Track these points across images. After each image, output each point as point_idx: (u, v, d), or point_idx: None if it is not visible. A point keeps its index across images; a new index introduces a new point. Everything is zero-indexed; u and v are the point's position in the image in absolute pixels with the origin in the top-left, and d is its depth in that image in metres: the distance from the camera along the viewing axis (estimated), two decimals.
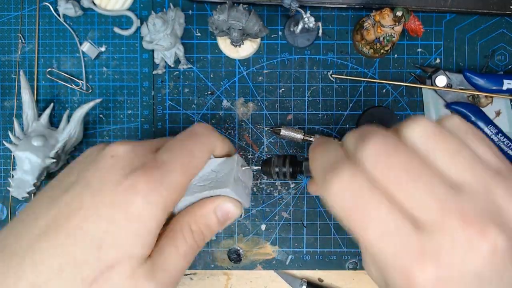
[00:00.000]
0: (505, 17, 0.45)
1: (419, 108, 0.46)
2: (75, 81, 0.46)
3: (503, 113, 0.45)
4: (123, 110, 0.46)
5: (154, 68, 0.45)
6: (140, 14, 0.45)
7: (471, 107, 0.44)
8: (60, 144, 0.42)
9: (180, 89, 0.46)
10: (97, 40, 0.45)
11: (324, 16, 0.45)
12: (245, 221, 0.46)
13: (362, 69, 0.46)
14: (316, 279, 0.47)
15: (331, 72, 0.45)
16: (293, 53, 0.45)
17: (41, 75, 0.46)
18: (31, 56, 0.46)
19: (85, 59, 0.45)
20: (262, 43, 0.45)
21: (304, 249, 0.46)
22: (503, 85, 0.44)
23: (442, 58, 0.45)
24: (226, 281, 0.47)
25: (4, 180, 0.46)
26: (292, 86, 0.46)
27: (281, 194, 0.46)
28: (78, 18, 0.45)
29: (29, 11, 0.45)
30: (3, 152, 0.46)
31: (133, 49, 0.45)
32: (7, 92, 0.46)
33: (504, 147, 0.44)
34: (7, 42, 0.46)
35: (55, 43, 0.46)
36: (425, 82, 0.45)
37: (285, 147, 0.46)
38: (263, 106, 0.46)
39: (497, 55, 0.45)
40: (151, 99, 0.46)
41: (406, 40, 0.45)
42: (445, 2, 0.44)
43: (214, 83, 0.46)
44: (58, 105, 0.46)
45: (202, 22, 0.45)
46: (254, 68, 0.46)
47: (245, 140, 0.46)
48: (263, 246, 0.46)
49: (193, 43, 0.45)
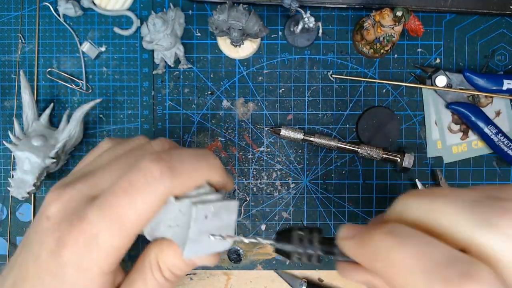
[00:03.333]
0: (505, 17, 0.45)
1: (419, 108, 0.46)
2: (75, 81, 0.46)
3: (503, 113, 0.45)
4: (123, 110, 0.46)
5: (154, 68, 0.45)
6: (140, 14, 0.45)
7: (471, 107, 0.44)
8: (60, 144, 0.42)
9: (180, 89, 0.46)
10: (97, 40, 0.45)
11: (324, 16, 0.45)
12: (245, 221, 0.46)
13: (362, 69, 0.46)
14: (316, 279, 0.47)
15: (331, 72, 0.45)
16: (293, 53, 0.45)
17: (41, 75, 0.46)
18: (31, 56, 0.46)
19: (85, 59, 0.45)
20: (262, 43, 0.45)
21: None
22: (503, 85, 0.44)
23: (442, 58, 0.45)
24: (226, 281, 0.47)
25: (4, 180, 0.46)
26: (292, 86, 0.46)
27: (281, 194, 0.46)
28: (78, 18, 0.45)
29: (29, 11, 0.45)
30: (3, 152, 0.46)
31: (133, 49, 0.45)
32: (7, 92, 0.46)
33: (504, 147, 0.44)
34: (7, 42, 0.46)
35: (55, 43, 0.46)
36: (425, 82, 0.45)
37: (285, 147, 0.46)
38: (263, 106, 0.46)
39: (497, 55, 0.45)
40: (151, 99, 0.46)
41: (406, 40, 0.45)
42: (445, 2, 0.44)
43: (214, 83, 0.46)
44: (58, 105, 0.46)
45: (202, 22, 0.45)
46: (254, 68, 0.46)
47: (245, 140, 0.46)
48: (263, 246, 0.46)
49: (193, 43, 0.45)
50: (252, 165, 0.46)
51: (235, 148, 0.46)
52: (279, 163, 0.46)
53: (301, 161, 0.46)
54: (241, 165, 0.46)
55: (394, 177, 0.46)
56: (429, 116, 0.46)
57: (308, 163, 0.46)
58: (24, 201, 0.46)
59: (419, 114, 0.46)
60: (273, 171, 0.46)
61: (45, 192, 0.46)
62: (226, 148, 0.46)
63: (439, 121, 0.46)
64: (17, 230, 0.46)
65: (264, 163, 0.46)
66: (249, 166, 0.46)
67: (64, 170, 0.46)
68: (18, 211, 0.46)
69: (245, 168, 0.46)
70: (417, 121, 0.46)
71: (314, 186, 0.46)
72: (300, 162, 0.46)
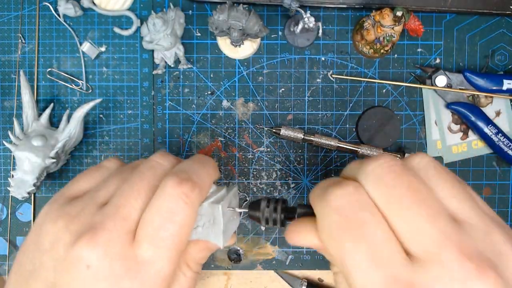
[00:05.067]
0: (505, 17, 0.45)
1: (419, 108, 0.46)
2: (75, 81, 0.46)
3: (503, 113, 0.45)
4: (123, 110, 0.46)
5: (154, 68, 0.45)
6: (140, 14, 0.45)
7: (471, 107, 0.44)
8: (60, 144, 0.42)
9: (180, 89, 0.46)
10: (97, 40, 0.45)
11: (324, 16, 0.45)
12: (245, 221, 0.46)
13: (362, 69, 0.46)
14: (316, 279, 0.47)
15: (331, 72, 0.45)
16: (293, 53, 0.45)
17: (41, 75, 0.46)
18: (31, 56, 0.46)
19: (85, 59, 0.45)
20: (262, 43, 0.45)
21: (304, 249, 0.46)
22: (503, 85, 0.44)
23: (442, 58, 0.45)
24: (226, 281, 0.47)
25: (4, 180, 0.46)
26: (292, 86, 0.46)
27: (281, 194, 0.46)
28: (78, 18, 0.45)
29: (29, 11, 0.45)
30: (3, 152, 0.46)
31: (133, 49, 0.45)
32: (7, 92, 0.46)
33: (504, 147, 0.44)
34: (7, 42, 0.46)
35: (55, 43, 0.46)
36: (425, 82, 0.45)
37: (285, 147, 0.46)
38: (263, 106, 0.46)
39: (497, 55, 0.45)
40: (151, 99, 0.46)
41: (406, 40, 0.45)
42: (445, 2, 0.44)
43: (214, 83, 0.46)
44: (58, 105, 0.46)
45: (202, 22, 0.45)
46: (254, 68, 0.46)
47: (245, 140, 0.46)
48: (263, 246, 0.46)
49: (193, 43, 0.45)
50: (252, 165, 0.46)
51: (235, 148, 0.46)
52: (279, 163, 0.46)
53: (301, 161, 0.46)
54: (241, 165, 0.46)
55: None
56: (429, 116, 0.46)
57: (308, 163, 0.46)
58: (24, 201, 0.46)
59: (419, 114, 0.46)
60: (273, 171, 0.46)
61: (45, 192, 0.46)
62: (226, 148, 0.46)
63: (439, 121, 0.46)
64: (17, 230, 0.46)
65: (264, 163, 0.46)
66: (249, 166, 0.46)
67: (64, 170, 0.46)
68: (18, 211, 0.46)
69: (245, 168, 0.46)
70: (417, 121, 0.46)
71: (314, 186, 0.46)
72: (300, 162, 0.46)
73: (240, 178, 0.46)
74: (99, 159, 0.46)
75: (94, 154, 0.46)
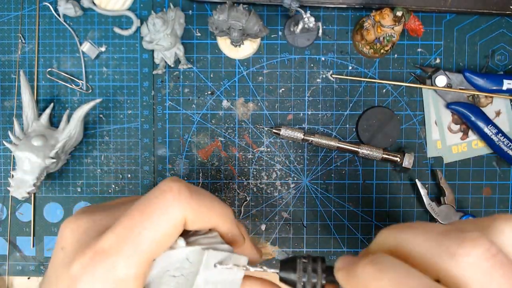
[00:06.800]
0: (505, 17, 0.45)
1: (419, 108, 0.46)
2: (75, 81, 0.46)
3: (503, 113, 0.45)
4: (123, 110, 0.46)
5: (154, 68, 0.45)
6: (140, 14, 0.45)
7: (471, 107, 0.44)
8: (60, 144, 0.42)
9: (180, 89, 0.46)
10: (97, 40, 0.45)
11: (324, 16, 0.45)
12: (245, 221, 0.46)
13: (362, 69, 0.46)
14: None
15: (331, 72, 0.45)
16: (293, 53, 0.45)
17: (41, 75, 0.46)
18: (31, 56, 0.46)
19: (85, 59, 0.46)
20: (262, 43, 0.45)
21: (304, 249, 0.46)
22: (503, 85, 0.44)
23: (442, 58, 0.45)
24: None
25: (4, 180, 0.46)
26: (292, 86, 0.46)
27: (281, 194, 0.46)
28: (78, 18, 0.45)
29: (29, 11, 0.45)
30: (3, 152, 0.46)
31: (133, 49, 0.45)
32: (7, 92, 0.46)
33: (504, 147, 0.44)
34: (7, 42, 0.46)
35: (55, 43, 0.46)
36: (425, 82, 0.45)
37: (285, 147, 0.46)
38: (263, 106, 0.46)
39: (497, 55, 0.45)
40: (151, 99, 0.46)
41: (406, 40, 0.45)
42: (445, 2, 0.44)
43: (214, 83, 0.46)
44: (58, 105, 0.46)
45: (202, 22, 0.45)
46: (254, 68, 0.46)
47: (245, 140, 0.46)
48: (263, 246, 0.46)
49: (193, 43, 0.45)
50: (252, 165, 0.46)
51: (235, 148, 0.46)
52: (279, 163, 0.46)
53: (301, 161, 0.46)
54: (241, 165, 0.46)
55: (394, 177, 0.46)
56: (429, 116, 0.46)
57: (308, 163, 0.46)
58: (24, 201, 0.46)
59: (419, 114, 0.46)
60: (273, 171, 0.46)
61: (45, 192, 0.46)
62: (226, 148, 0.46)
63: (439, 121, 0.46)
64: (17, 230, 0.46)
65: (264, 163, 0.46)
66: (249, 166, 0.46)
67: (64, 170, 0.46)
68: (18, 211, 0.46)
69: (245, 168, 0.46)
70: (417, 121, 0.46)
71: (314, 186, 0.46)
72: (300, 162, 0.46)
73: (240, 178, 0.46)
74: (99, 159, 0.46)
75: (94, 154, 0.46)
